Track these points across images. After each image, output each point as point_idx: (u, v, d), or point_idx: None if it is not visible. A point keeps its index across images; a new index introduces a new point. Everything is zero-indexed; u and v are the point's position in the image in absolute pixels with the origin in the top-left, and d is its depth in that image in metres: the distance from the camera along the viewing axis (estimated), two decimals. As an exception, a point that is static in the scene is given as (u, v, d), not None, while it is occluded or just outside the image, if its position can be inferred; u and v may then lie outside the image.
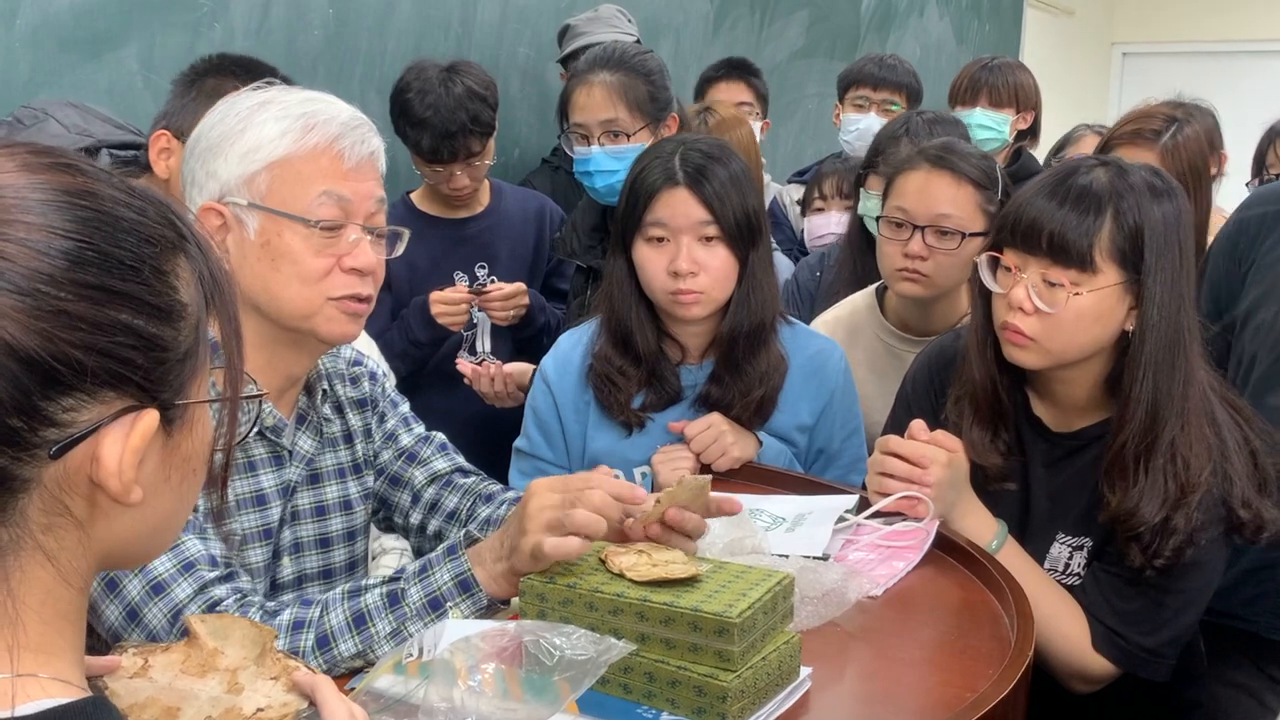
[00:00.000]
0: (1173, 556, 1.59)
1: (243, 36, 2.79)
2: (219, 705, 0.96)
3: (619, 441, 2.00)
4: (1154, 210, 1.60)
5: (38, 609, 0.72)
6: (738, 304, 1.96)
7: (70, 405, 0.70)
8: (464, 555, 1.35)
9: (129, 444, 0.72)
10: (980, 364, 1.74)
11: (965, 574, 1.58)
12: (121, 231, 0.72)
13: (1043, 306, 1.61)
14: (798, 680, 1.25)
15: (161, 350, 0.73)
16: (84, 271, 0.69)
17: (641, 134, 2.41)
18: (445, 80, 2.66)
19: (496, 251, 2.82)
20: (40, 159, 0.73)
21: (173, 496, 0.78)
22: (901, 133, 2.60)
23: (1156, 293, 1.59)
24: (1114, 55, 8.56)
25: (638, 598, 1.21)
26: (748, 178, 1.97)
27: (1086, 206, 1.60)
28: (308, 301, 1.41)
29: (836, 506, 1.71)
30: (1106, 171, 1.63)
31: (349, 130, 1.41)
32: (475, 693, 1.08)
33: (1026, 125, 3.56)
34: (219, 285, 0.79)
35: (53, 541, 0.72)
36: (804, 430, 2.04)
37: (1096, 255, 1.59)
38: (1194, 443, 1.59)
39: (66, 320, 0.68)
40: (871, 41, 5.34)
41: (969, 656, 1.36)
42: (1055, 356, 1.65)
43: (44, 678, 0.71)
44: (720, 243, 1.92)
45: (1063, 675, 1.67)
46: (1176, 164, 2.52)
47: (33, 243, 0.68)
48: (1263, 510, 1.61)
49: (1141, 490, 1.59)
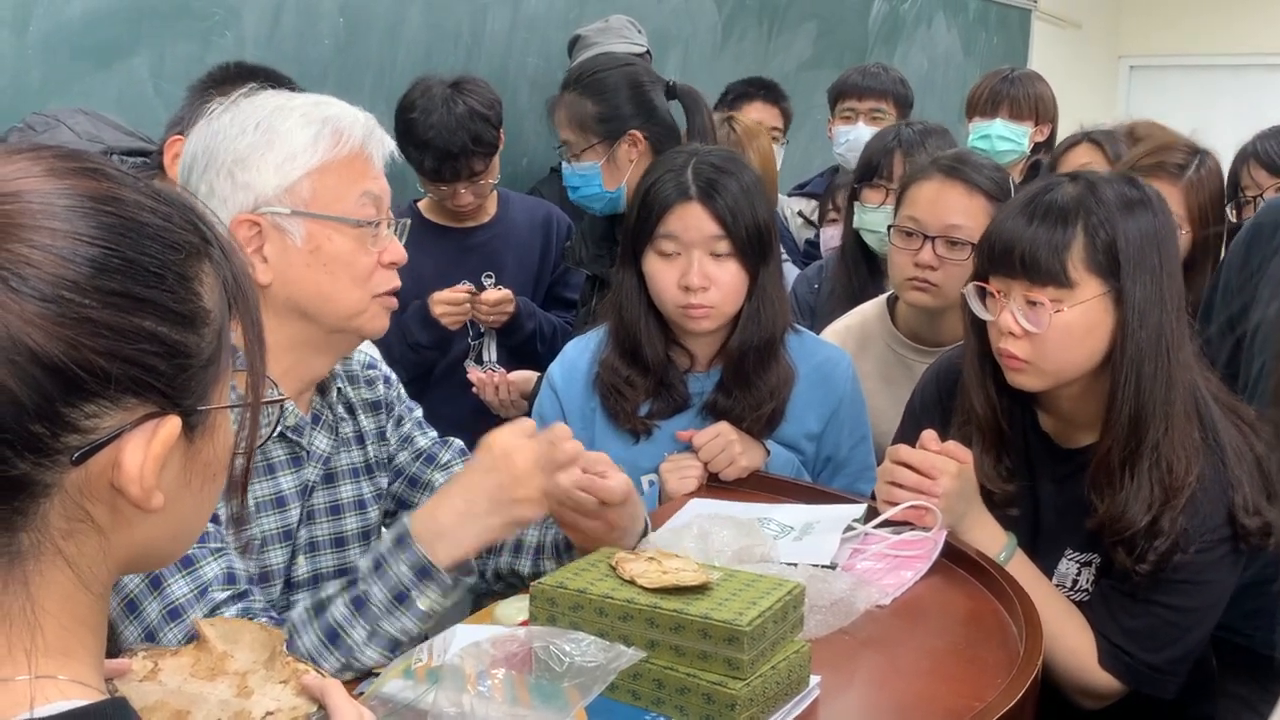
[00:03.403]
0: (1159, 561, 1.59)
1: (253, 46, 2.80)
2: (228, 709, 0.96)
3: (626, 449, 2.00)
4: (1127, 221, 1.60)
5: (56, 613, 0.72)
6: (748, 318, 1.95)
7: (93, 412, 0.70)
8: (415, 544, 1.35)
9: (150, 451, 0.72)
10: (979, 392, 1.75)
11: (974, 584, 1.58)
12: (147, 238, 0.72)
13: (1029, 327, 1.62)
14: (807, 689, 1.25)
15: (185, 357, 0.73)
16: (109, 279, 0.69)
17: (588, 153, 2.45)
18: (448, 99, 2.68)
19: (503, 260, 2.83)
20: (66, 164, 0.73)
21: (193, 502, 0.78)
22: (893, 145, 2.60)
23: (1135, 300, 1.59)
24: (1121, 68, 8.56)
25: (648, 604, 1.21)
26: (759, 189, 1.96)
27: (1055, 222, 1.60)
28: (359, 300, 1.45)
29: (845, 515, 1.71)
30: (1076, 186, 1.64)
31: (371, 131, 1.46)
32: (484, 698, 1.08)
33: (1044, 138, 3.55)
34: (241, 289, 0.79)
35: (73, 547, 0.72)
36: (812, 438, 2.03)
37: (1071, 270, 1.59)
38: (1178, 446, 1.59)
39: (91, 328, 0.68)
40: (879, 53, 5.35)
41: (977, 666, 1.35)
42: (1053, 376, 1.66)
43: (63, 680, 0.70)
44: (731, 257, 1.91)
45: (1069, 691, 1.66)
46: (1200, 198, 2.51)
47: (58, 249, 0.68)
48: (1269, 516, 1.61)
49: (1128, 495, 1.60)
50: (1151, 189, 1.68)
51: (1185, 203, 2.50)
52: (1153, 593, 1.62)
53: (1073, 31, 7.71)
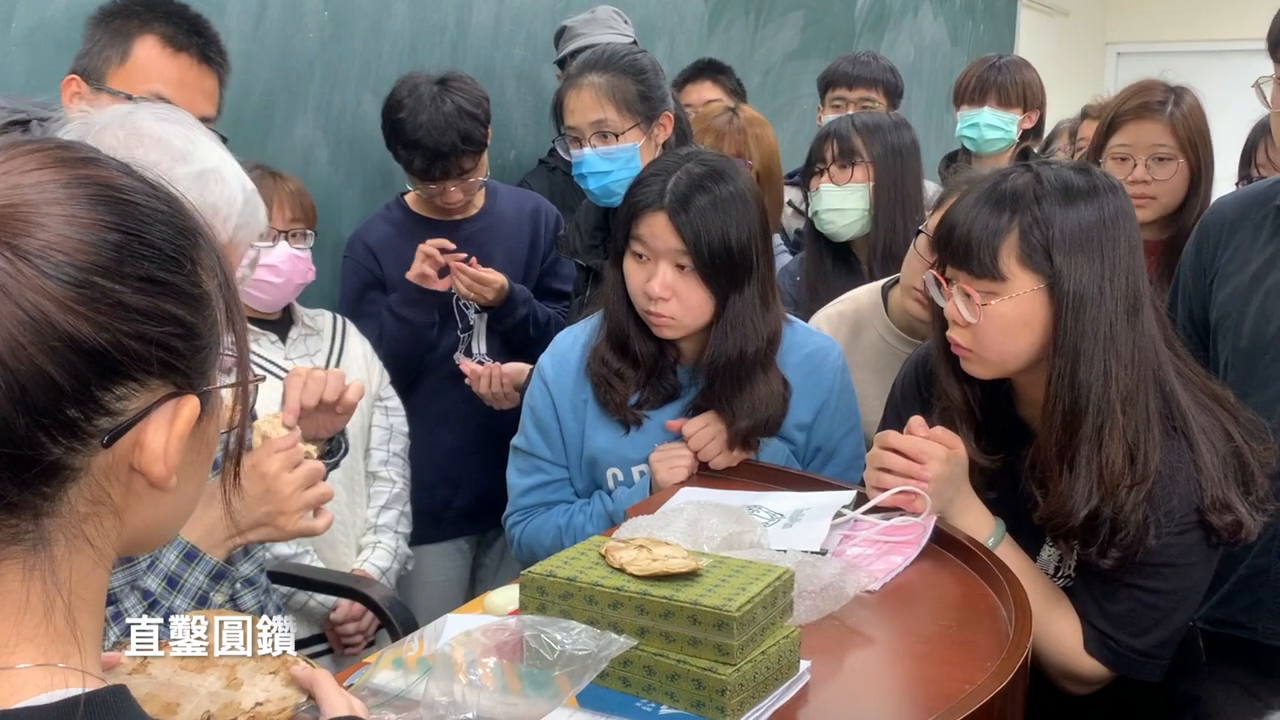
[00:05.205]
0: (1126, 551, 1.58)
1: (238, 38, 2.79)
2: (218, 700, 0.97)
3: (617, 439, 2.00)
4: (1066, 212, 1.59)
5: (77, 595, 0.73)
6: (716, 339, 1.92)
7: (123, 394, 0.72)
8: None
9: (174, 430, 0.74)
10: (949, 380, 1.75)
11: (963, 568, 1.58)
12: (160, 223, 0.74)
13: (967, 317, 1.63)
14: (797, 674, 1.25)
15: (198, 338, 0.76)
16: (135, 264, 0.72)
17: (632, 133, 2.41)
18: (436, 98, 2.67)
19: (491, 253, 2.83)
20: (69, 154, 0.75)
21: (196, 480, 0.81)
22: (830, 132, 2.69)
23: (1069, 293, 1.58)
24: (1108, 55, 8.56)
25: (637, 591, 1.21)
26: (742, 203, 1.90)
27: (992, 215, 1.61)
28: None
29: (834, 502, 1.71)
30: (1023, 177, 1.63)
31: (246, 219, 1.45)
32: (475, 687, 1.08)
33: (1032, 125, 3.55)
34: (225, 275, 0.80)
35: (93, 528, 0.74)
36: (802, 428, 2.04)
37: (1003, 264, 1.60)
38: (1118, 439, 1.58)
39: (123, 311, 0.70)
40: (866, 42, 5.34)
41: (967, 649, 1.36)
42: (997, 366, 1.66)
43: (62, 667, 0.71)
44: (695, 273, 1.89)
45: (1056, 677, 1.67)
46: (1186, 132, 2.55)
47: (83, 236, 0.70)
48: (1239, 512, 1.60)
49: (1066, 488, 1.59)
50: (1103, 178, 1.66)
51: (1174, 135, 2.56)
52: (1132, 577, 1.62)
53: (1060, 19, 7.72)
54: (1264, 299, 1.95)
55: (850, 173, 2.63)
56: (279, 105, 2.92)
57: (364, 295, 2.82)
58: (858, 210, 2.63)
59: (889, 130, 2.68)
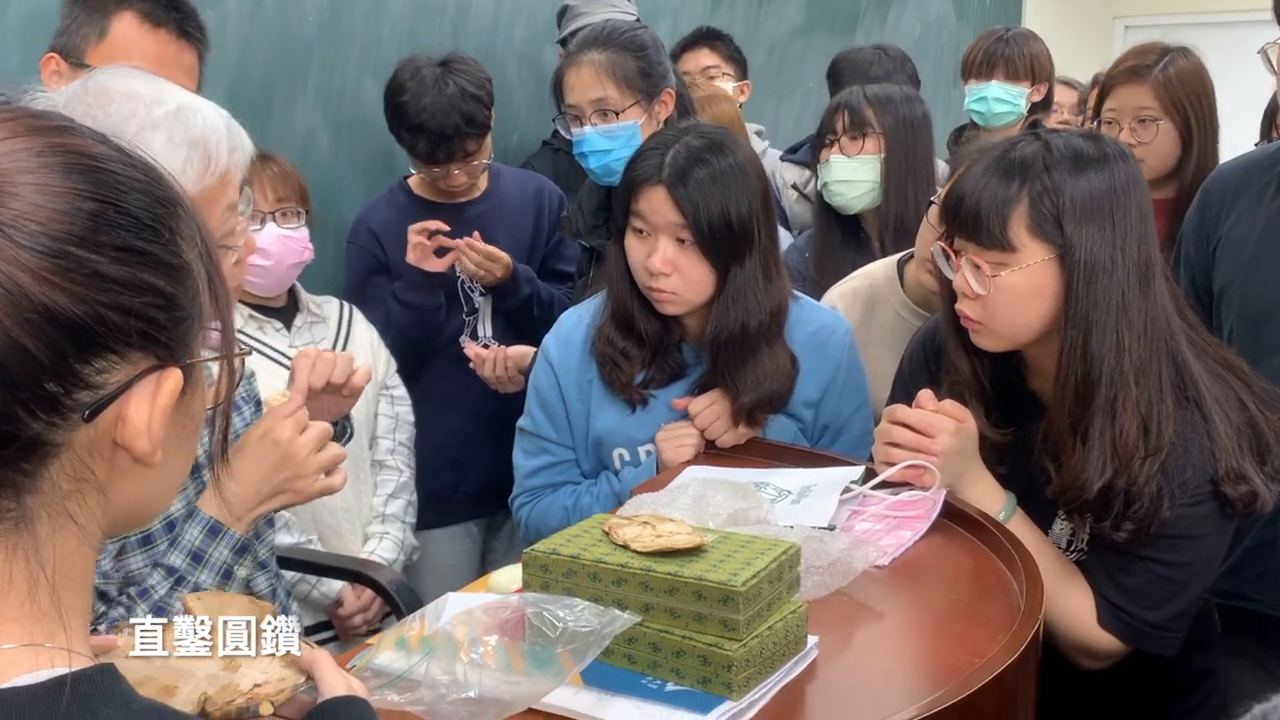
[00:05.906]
0: (1141, 524, 1.56)
1: (236, 23, 2.77)
2: (216, 682, 0.95)
3: (623, 419, 1.98)
4: (1076, 180, 1.56)
5: (61, 574, 0.72)
6: (719, 313, 1.90)
7: (103, 367, 0.70)
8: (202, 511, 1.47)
9: (157, 404, 0.73)
10: (958, 353, 1.73)
11: (973, 542, 1.56)
12: (136, 192, 0.73)
13: (977, 289, 1.60)
14: (805, 649, 1.23)
15: (178, 309, 0.74)
16: (111, 233, 0.70)
17: (632, 110, 2.38)
18: (438, 80, 2.66)
19: (495, 235, 2.81)
20: (40, 122, 0.73)
21: (181, 455, 0.80)
22: (841, 105, 2.69)
23: (1080, 263, 1.56)
24: (1116, 28, 8.49)
25: (642, 568, 1.19)
26: (742, 176, 1.88)
27: (1001, 184, 1.58)
28: None
29: (842, 478, 1.69)
30: (1032, 146, 1.60)
31: (235, 143, 1.43)
32: (477, 665, 1.07)
33: (1041, 97, 3.52)
34: (206, 245, 0.79)
35: (76, 505, 0.72)
36: (810, 405, 2.01)
37: (1012, 235, 1.57)
38: (1132, 410, 1.55)
39: (100, 282, 0.69)
40: (871, 19, 5.30)
41: (978, 623, 1.34)
42: (1007, 338, 1.64)
43: (50, 647, 0.70)
44: (695, 247, 1.87)
45: (1069, 651, 1.65)
46: (1171, 93, 2.55)
47: (56, 205, 0.68)
48: (1254, 483, 1.58)
49: (1080, 461, 1.57)
50: (1114, 145, 1.64)
51: (1155, 96, 2.58)
52: (1145, 550, 1.60)
53: (1066, -8, 7.65)
54: (1268, 266, 1.93)
55: (861, 144, 2.61)
56: (278, 89, 2.90)
57: (368, 280, 2.82)
58: (868, 182, 2.61)
59: (901, 102, 2.65)
